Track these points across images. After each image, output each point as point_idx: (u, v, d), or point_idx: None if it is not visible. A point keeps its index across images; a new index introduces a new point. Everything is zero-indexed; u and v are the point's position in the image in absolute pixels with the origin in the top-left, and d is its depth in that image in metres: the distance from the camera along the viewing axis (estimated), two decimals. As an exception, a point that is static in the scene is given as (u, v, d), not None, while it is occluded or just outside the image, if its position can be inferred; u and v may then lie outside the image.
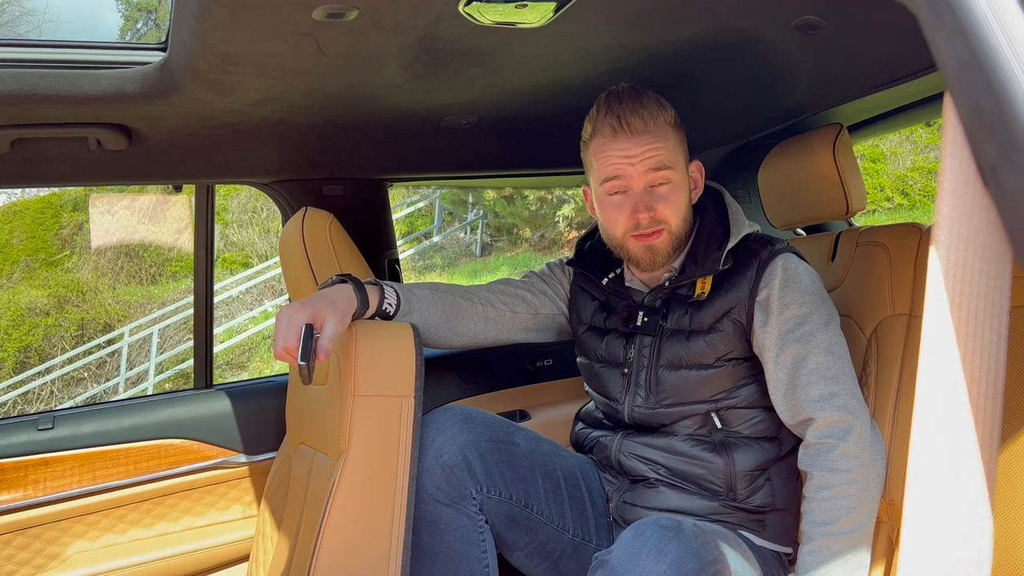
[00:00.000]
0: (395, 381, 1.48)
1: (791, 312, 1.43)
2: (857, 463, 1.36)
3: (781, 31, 1.47)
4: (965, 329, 0.45)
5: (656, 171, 1.45)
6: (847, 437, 1.37)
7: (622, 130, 1.45)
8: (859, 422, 1.38)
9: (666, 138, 1.46)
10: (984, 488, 0.44)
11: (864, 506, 1.35)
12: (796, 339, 1.42)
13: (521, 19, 1.27)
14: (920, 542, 0.44)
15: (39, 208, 13.85)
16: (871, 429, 1.40)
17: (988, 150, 0.43)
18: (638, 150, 1.44)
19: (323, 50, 1.30)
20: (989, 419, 0.45)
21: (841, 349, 1.44)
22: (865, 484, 1.36)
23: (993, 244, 0.45)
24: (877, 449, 1.39)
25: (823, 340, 1.42)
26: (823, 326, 1.43)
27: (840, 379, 1.41)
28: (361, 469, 1.43)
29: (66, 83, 1.41)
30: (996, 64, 0.41)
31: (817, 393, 1.40)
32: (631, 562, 1.14)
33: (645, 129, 1.44)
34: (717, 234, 1.52)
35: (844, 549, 1.33)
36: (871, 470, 1.37)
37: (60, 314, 11.75)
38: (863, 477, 1.36)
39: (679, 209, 1.48)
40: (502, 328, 1.67)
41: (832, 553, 1.33)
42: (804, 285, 1.45)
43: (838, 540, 1.33)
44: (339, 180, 2.08)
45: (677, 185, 1.48)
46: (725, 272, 1.49)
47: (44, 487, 1.82)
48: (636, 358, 1.55)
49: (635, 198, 1.46)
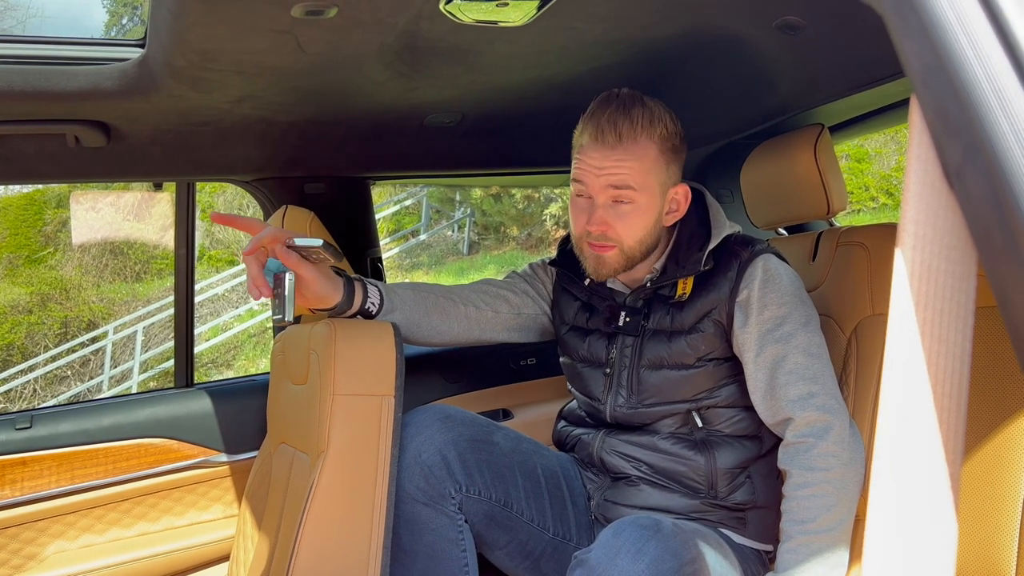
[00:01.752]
0: (375, 380, 1.47)
1: (770, 313, 1.44)
2: (836, 462, 1.36)
3: (763, 31, 1.48)
4: (930, 330, 0.45)
5: (617, 188, 1.42)
6: (826, 436, 1.37)
7: (596, 139, 1.42)
8: (838, 421, 1.39)
9: (642, 158, 1.42)
10: (949, 490, 0.44)
11: (843, 504, 1.36)
12: (775, 339, 1.43)
13: (503, 17, 1.27)
14: (884, 544, 0.44)
15: (22, 204, 13.73)
16: (850, 429, 1.40)
17: (953, 152, 0.43)
18: (605, 163, 1.42)
19: (303, 47, 1.29)
20: (954, 421, 0.45)
21: (820, 350, 1.44)
22: (844, 483, 1.37)
23: (958, 246, 0.45)
24: (856, 448, 1.40)
25: (802, 341, 1.43)
26: (802, 327, 1.43)
27: (819, 379, 1.41)
28: (341, 468, 1.43)
29: (43, 79, 1.39)
30: (960, 68, 0.41)
31: (796, 393, 1.40)
32: (609, 561, 1.14)
33: (618, 144, 1.41)
34: (698, 235, 1.52)
35: (823, 547, 1.34)
36: (850, 469, 1.38)
37: (43, 312, 11.66)
38: (842, 476, 1.37)
39: (635, 231, 1.46)
40: (484, 328, 1.67)
41: (811, 551, 1.34)
42: (784, 286, 1.45)
43: (817, 538, 1.34)
44: (321, 178, 2.08)
45: (639, 207, 1.44)
46: (706, 273, 1.49)
47: (22, 487, 1.80)
48: (618, 358, 1.56)
49: (593, 208, 1.45)
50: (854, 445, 1.39)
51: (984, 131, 0.40)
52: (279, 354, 1.83)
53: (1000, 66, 0.40)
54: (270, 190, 2.05)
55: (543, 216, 12.07)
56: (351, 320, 1.51)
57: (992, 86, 0.40)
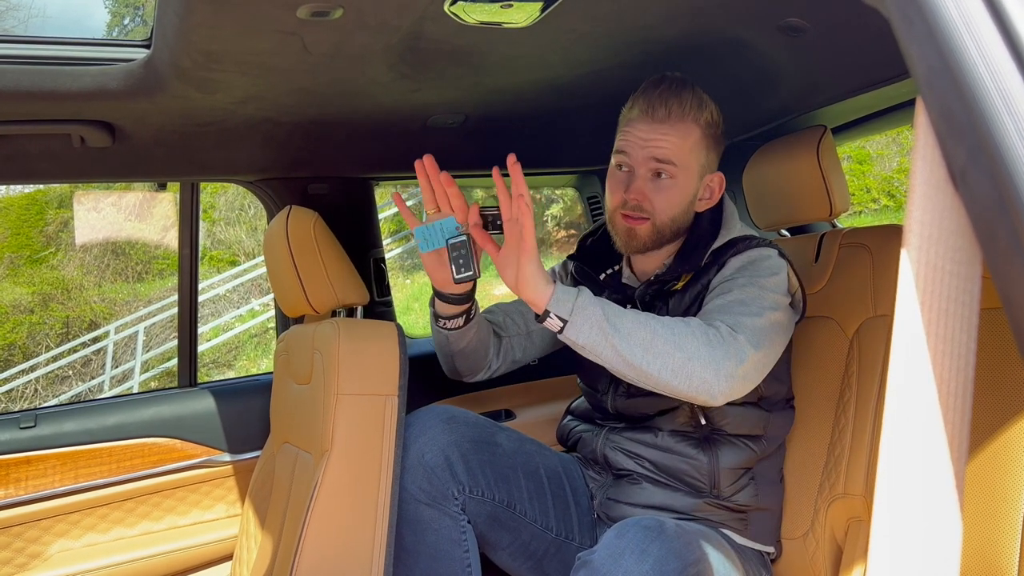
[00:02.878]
0: (379, 380, 1.48)
1: (734, 282, 1.41)
2: (703, 329, 1.28)
3: (765, 33, 1.48)
4: (935, 331, 0.45)
5: (659, 162, 1.46)
6: (716, 325, 1.31)
7: (645, 114, 1.47)
8: (739, 336, 1.30)
9: (686, 136, 1.46)
10: (954, 489, 0.45)
11: (676, 338, 1.26)
12: (719, 292, 1.40)
13: (507, 19, 1.27)
14: (889, 542, 0.44)
15: (24, 204, 13.74)
16: (742, 345, 1.29)
17: (958, 154, 0.43)
18: (651, 135, 1.46)
19: (308, 48, 1.29)
20: (958, 421, 0.45)
21: (770, 330, 1.35)
22: (687, 340, 1.27)
23: (963, 247, 0.46)
24: (727, 354, 1.27)
25: (743, 293, 1.38)
26: (756, 298, 1.37)
27: (742, 326, 1.32)
28: (344, 468, 1.43)
29: (48, 79, 1.40)
30: (965, 69, 0.41)
31: (716, 318, 1.34)
32: (613, 562, 1.14)
33: (666, 119, 1.45)
34: (708, 235, 1.54)
35: (638, 322, 1.27)
36: (702, 345, 1.26)
37: (45, 312, 11.67)
38: (699, 335, 1.27)
39: (670, 207, 1.48)
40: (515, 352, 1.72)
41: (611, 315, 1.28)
42: (763, 268, 1.43)
43: (648, 318, 1.28)
44: (325, 179, 2.08)
45: (677, 184, 1.48)
46: (706, 266, 1.51)
47: (26, 486, 1.81)
48: None
49: (632, 178, 1.48)
50: (726, 346, 1.28)
51: (989, 132, 0.40)
52: (282, 354, 1.83)
53: (1005, 68, 0.40)
54: (274, 191, 2.06)
55: (544, 217, 12.07)
56: (355, 320, 1.52)
57: (997, 88, 0.40)
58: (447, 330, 1.56)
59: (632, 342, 1.25)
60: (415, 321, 10.23)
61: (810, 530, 1.53)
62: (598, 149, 2.25)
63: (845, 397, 1.54)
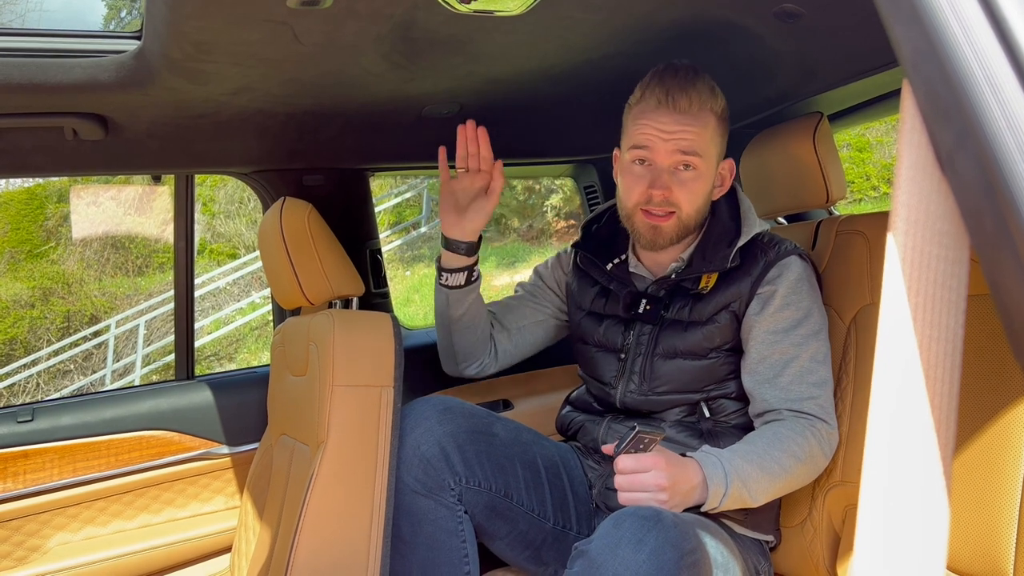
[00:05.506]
0: (374, 371, 1.47)
1: (790, 313, 1.45)
2: (809, 445, 1.39)
3: (760, 19, 1.47)
4: (923, 315, 0.45)
5: (684, 154, 1.44)
6: (815, 426, 1.41)
7: (666, 104, 1.44)
8: (824, 424, 1.42)
9: (705, 126, 1.45)
10: (941, 476, 0.44)
11: (791, 473, 1.37)
12: (790, 341, 1.44)
13: (499, 7, 1.26)
14: (876, 528, 0.44)
15: (24, 199, 13.72)
16: (828, 438, 1.43)
17: (945, 137, 0.43)
18: (674, 127, 1.43)
19: (299, 39, 1.28)
20: (946, 406, 0.45)
21: (826, 358, 1.47)
22: (803, 466, 1.38)
23: (951, 231, 0.45)
24: (827, 455, 1.43)
25: (814, 347, 1.45)
26: (814, 334, 1.46)
27: (822, 386, 1.44)
28: (340, 459, 1.43)
29: (40, 72, 1.39)
30: (951, 53, 0.41)
31: (797, 393, 1.43)
32: (610, 552, 1.14)
33: (688, 109, 1.43)
34: (728, 231, 1.53)
35: (764, 468, 1.34)
36: (813, 462, 1.40)
37: (46, 306, 11.67)
38: (808, 455, 1.38)
39: (695, 199, 1.48)
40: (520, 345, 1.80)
41: (752, 459, 1.34)
42: (807, 291, 1.48)
43: (773, 461, 1.35)
44: (320, 170, 2.07)
45: (701, 175, 1.47)
46: (731, 269, 1.50)
47: (24, 479, 1.81)
48: (634, 345, 1.56)
49: (656, 173, 1.46)
50: (826, 451, 1.42)
51: (975, 116, 0.40)
52: (279, 346, 1.83)
53: (991, 50, 0.40)
54: (269, 182, 2.05)
55: (544, 207, 12.06)
56: (349, 311, 1.52)
57: (983, 71, 0.40)
58: (448, 287, 1.63)
59: (761, 497, 1.35)
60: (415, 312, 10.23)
61: (808, 518, 1.53)
62: (595, 138, 2.24)
63: (842, 384, 1.54)
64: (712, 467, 1.29)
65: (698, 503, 1.30)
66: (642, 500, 1.23)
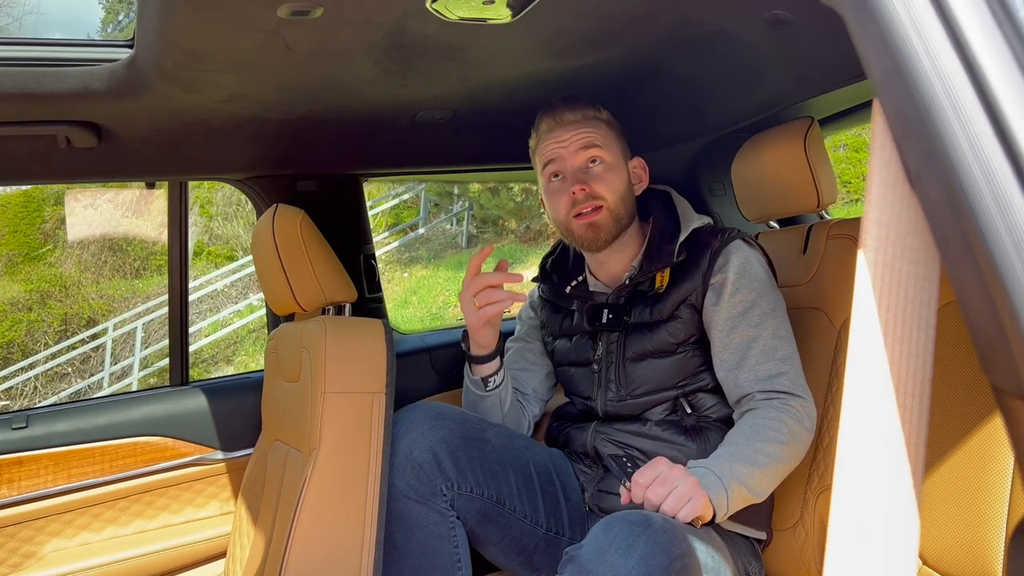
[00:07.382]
0: (366, 378, 1.48)
1: (742, 296, 1.49)
2: (787, 426, 1.39)
3: (750, 25, 1.48)
4: (893, 331, 0.45)
5: (587, 148, 1.55)
6: (786, 409, 1.42)
7: (558, 122, 1.57)
8: (799, 400, 1.43)
9: (597, 127, 1.58)
10: (911, 488, 0.45)
11: (779, 458, 1.37)
12: (747, 323, 1.48)
13: (489, 15, 1.27)
14: (847, 540, 0.45)
15: (21, 202, 13.72)
16: (805, 411, 1.43)
17: (913, 155, 0.44)
18: (570, 133, 1.56)
19: (291, 47, 1.29)
20: (916, 421, 0.45)
21: (787, 334, 1.50)
22: (788, 448, 1.39)
23: (921, 247, 0.46)
24: (808, 428, 1.43)
25: (772, 324, 1.48)
26: (771, 311, 1.49)
27: (788, 361, 1.47)
28: (333, 465, 1.44)
29: (32, 81, 1.39)
30: (916, 73, 0.41)
31: (765, 371, 1.45)
32: (599, 558, 1.15)
33: (575, 119, 1.58)
34: (668, 230, 1.58)
35: (752, 462, 1.35)
36: (796, 440, 1.41)
37: (43, 309, 11.67)
38: (790, 435, 1.39)
39: (614, 187, 1.56)
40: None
41: (737, 458, 1.35)
42: (755, 272, 1.52)
43: (758, 452, 1.36)
44: (313, 176, 2.08)
45: (610, 166, 1.56)
46: (681, 264, 1.55)
47: (19, 486, 1.81)
48: (604, 354, 1.60)
49: (571, 177, 1.55)
50: (808, 425, 1.43)
51: (940, 136, 0.41)
52: (272, 352, 1.83)
53: (954, 72, 0.40)
54: (262, 188, 2.05)
55: (541, 209, 12.04)
56: (341, 318, 1.52)
57: (947, 93, 0.40)
58: (491, 391, 1.66)
59: (761, 489, 1.36)
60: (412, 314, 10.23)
61: (800, 521, 1.53)
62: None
63: (833, 388, 1.55)
64: (704, 477, 1.30)
65: (705, 512, 1.30)
66: (682, 493, 1.25)
